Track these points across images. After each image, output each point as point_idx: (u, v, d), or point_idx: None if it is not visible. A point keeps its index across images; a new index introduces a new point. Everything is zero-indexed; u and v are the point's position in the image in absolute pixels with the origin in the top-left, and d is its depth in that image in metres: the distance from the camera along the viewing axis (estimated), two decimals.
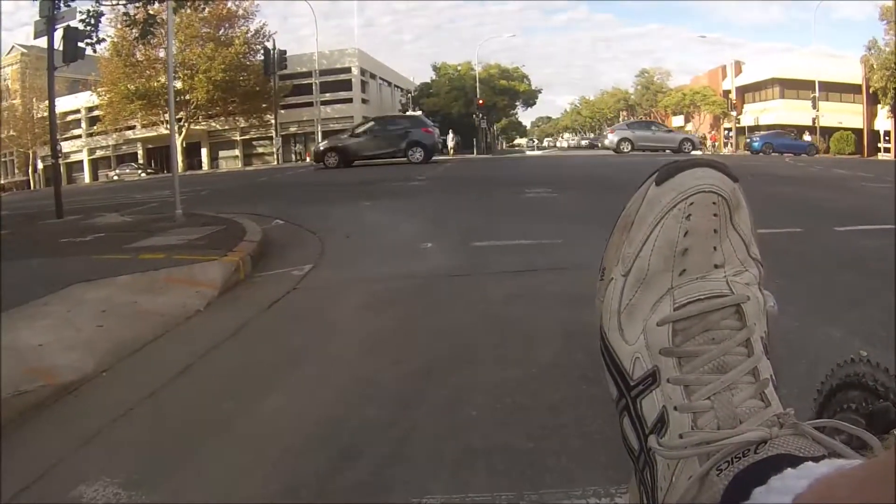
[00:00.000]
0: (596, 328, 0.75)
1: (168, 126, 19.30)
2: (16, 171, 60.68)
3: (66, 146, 53.31)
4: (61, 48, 14.16)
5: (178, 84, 44.23)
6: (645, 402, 0.67)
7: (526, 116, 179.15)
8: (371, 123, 30.24)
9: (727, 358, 0.65)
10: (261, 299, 5.96)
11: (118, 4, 19.05)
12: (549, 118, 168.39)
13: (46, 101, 19.29)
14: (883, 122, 47.91)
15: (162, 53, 43.71)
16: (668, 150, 35.31)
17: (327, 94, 54.29)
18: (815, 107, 46.89)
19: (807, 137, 47.20)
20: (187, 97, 48.22)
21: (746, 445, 0.59)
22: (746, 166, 23.15)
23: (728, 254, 0.68)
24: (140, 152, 59.77)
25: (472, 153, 50.68)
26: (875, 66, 44.94)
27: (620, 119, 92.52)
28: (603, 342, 0.72)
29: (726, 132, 59.33)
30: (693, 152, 35.14)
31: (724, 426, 0.62)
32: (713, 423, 0.62)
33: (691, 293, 0.66)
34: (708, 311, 0.65)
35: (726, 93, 60.52)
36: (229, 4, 50.26)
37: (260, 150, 56.80)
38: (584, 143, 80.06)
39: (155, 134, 54.09)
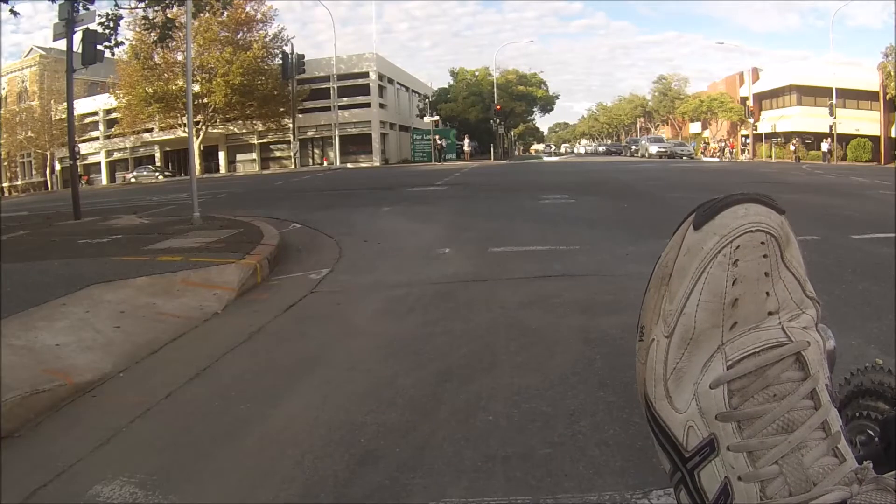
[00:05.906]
0: (636, 387, 0.67)
1: (186, 129, 19.40)
2: (34, 172, 61.06)
3: (83, 148, 53.67)
4: (80, 51, 14.26)
5: (196, 87, 44.41)
6: (703, 473, 0.60)
7: (543, 122, 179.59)
8: None
9: (792, 414, 0.58)
10: (278, 302, 5.97)
11: (137, 8, 19.13)
12: (566, 124, 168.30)
13: (65, 103, 19.38)
14: None
15: (180, 57, 44.10)
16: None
17: (345, 99, 54.31)
18: (832, 114, 46.46)
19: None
20: (205, 100, 48.53)
21: None
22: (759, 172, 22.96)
23: (783, 297, 0.62)
24: (157, 155, 60.05)
25: (489, 158, 50.60)
26: (892, 73, 44.55)
27: (638, 125, 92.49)
28: (649, 412, 0.65)
29: (744, 139, 58.88)
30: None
31: (796, 491, 0.56)
32: (784, 491, 0.56)
33: (745, 347, 0.59)
34: (765, 364, 0.59)
35: (744, 99, 60.03)
36: (248, 8, 50.55)
37: (277, 153, 56.83)
38: (601, 149, 79.06)
39: (172, 137, 54.29)
